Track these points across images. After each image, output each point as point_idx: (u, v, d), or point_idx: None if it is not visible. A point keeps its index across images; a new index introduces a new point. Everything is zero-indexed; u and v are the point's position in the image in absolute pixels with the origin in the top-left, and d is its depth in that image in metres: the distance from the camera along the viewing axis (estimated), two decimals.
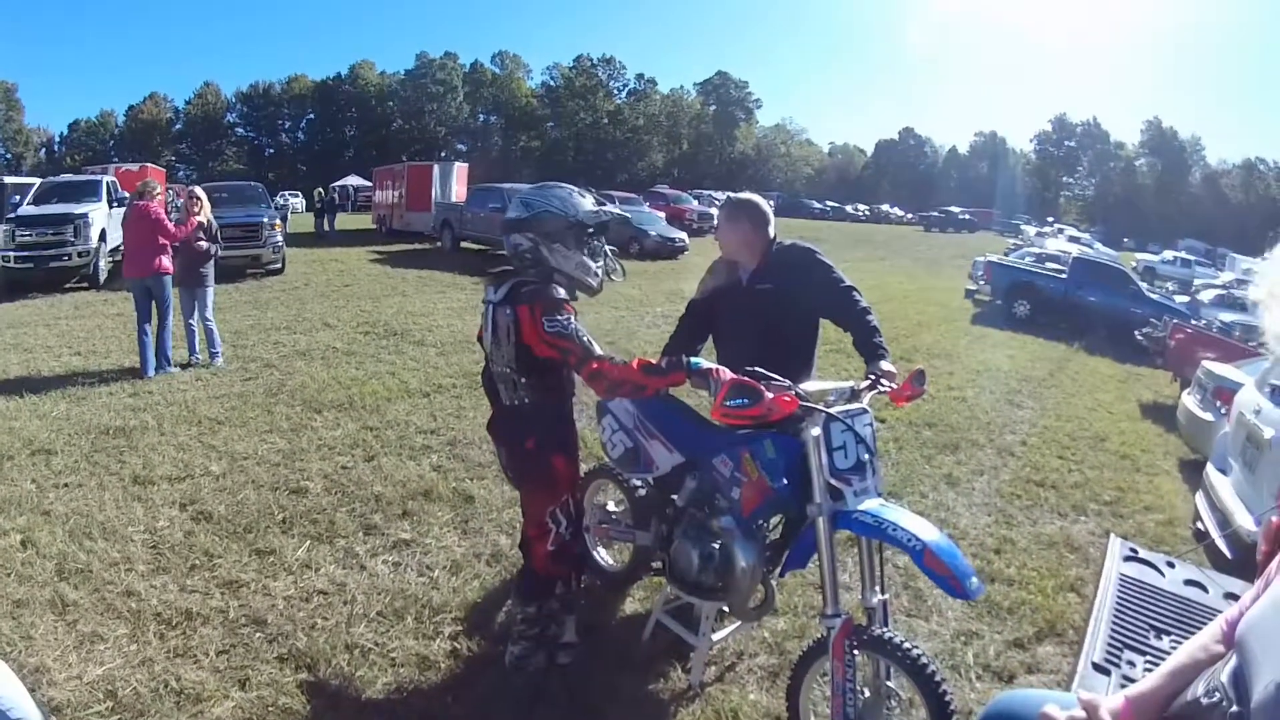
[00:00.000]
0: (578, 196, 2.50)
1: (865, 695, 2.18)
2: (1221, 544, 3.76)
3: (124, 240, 7.57)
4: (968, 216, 48.64)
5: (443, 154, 62.85)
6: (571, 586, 2.66)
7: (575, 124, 75.49)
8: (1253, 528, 3.58)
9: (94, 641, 2.80)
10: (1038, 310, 13.63)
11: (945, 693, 2.01)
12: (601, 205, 2.56)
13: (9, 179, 14.68)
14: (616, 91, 79.10)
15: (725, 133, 79.25)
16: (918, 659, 2.04)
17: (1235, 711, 1.02)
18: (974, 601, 3.08)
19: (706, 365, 2.22)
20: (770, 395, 2.11)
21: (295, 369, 6.95)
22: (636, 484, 3.05)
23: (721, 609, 2.70)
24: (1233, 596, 2.56)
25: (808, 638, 2.77)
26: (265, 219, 13.21)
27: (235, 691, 2.56)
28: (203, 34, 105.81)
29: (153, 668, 2.66)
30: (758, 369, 2.24)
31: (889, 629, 2.19)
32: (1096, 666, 2.17)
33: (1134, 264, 26.77)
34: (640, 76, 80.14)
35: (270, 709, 2.49)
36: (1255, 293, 1.29)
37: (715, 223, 3.31)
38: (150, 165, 23.16)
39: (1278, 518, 3.08)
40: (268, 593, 3.18)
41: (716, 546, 2.49)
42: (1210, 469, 4.56)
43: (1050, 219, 55.32)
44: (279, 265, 13.50)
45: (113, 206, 12.65)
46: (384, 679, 2.67)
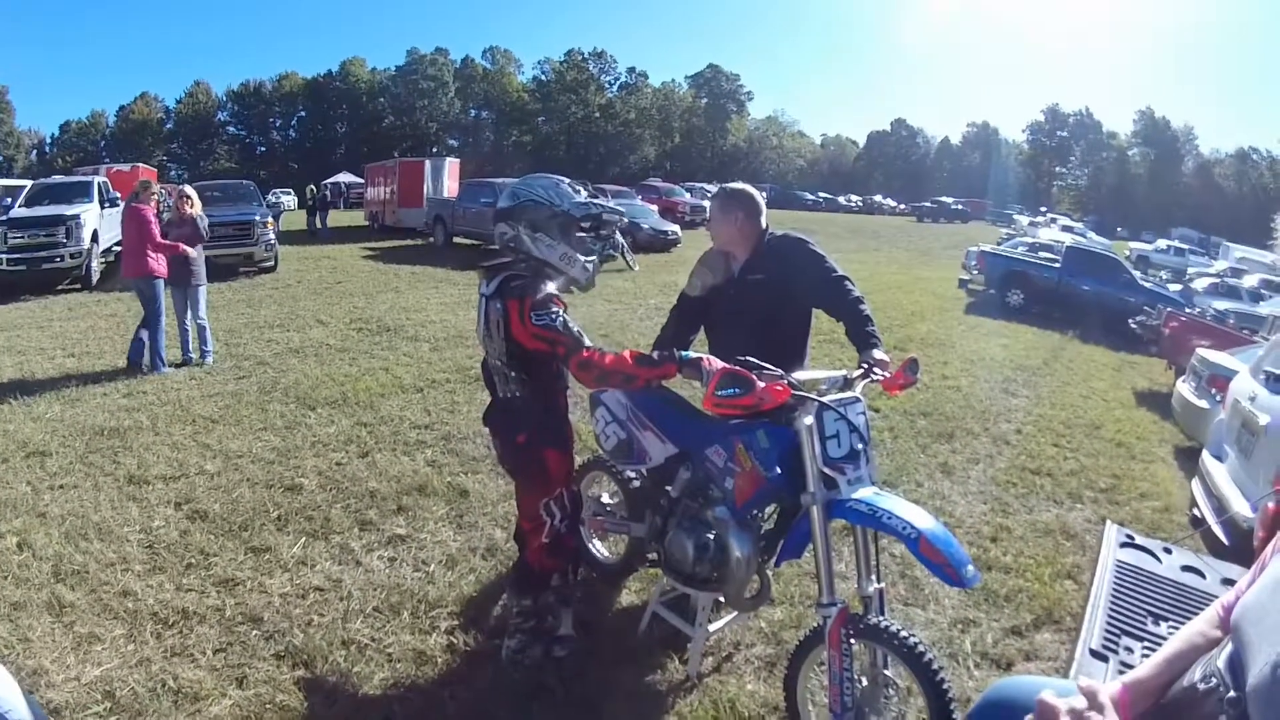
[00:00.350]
0: (566, 187, 2.49)
1: (863, 684, 2.18)
2: (1218, 530, 3.77)
3: (123, 240, 7.56)
4: (960, 207, 48.75)
5: (434, 150, 62.79)
6: (567, 579, 2.65)
7: (567, 118, 75.16)
8: (1249, 513, 3.59)
9: (91, 642, 2.79)
10: (1031, 299, 13.64)
11: (943, 680, 2.01)
12: (594, 199, 2.56)
13: (0, 181, 14.57)
14: (608, 85, 78.76)
15: (717, 125, 79.04)
16: (915, 647, 2.04)
17: (1231, 697, 1.02)
18: (971, 589, 3.07)
19: (697, 356, 2.21)
20: (762, 384, 2.10)
21: (289, 366, 6.93)
22: (630, 476, 3.05)
23: (718, 600, 2.69)
24: (1229, 582, 2.57)
25: (804, 627, 2.76)
26: (257, 217, 13.16)
27: (233, 689, 2.56)
28: (193, 33, 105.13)
29: (150, 667, 2.65)
30: (749, 359, 2.24)
31: (885, 617, 2.18)
32: (1094, 653, 2.18)
33: (1128, 253, 26.79)
34: (631, 70, 79.92)
35: (268, 706, 2.49)
36: None
37: (707, 214, 3.30)
38: (142, 165, 23.07)
39: (1274, 503, 3.10)
40: (264, 590, 3.17)
41: (711, 537, 2.49)
42: (1206, 456, 4.58)
43: (1043, 209, 55.33)
44: (271, 263, 13.45)
45: (105, 207, 12.59)
46: (381, 674, 2.67)
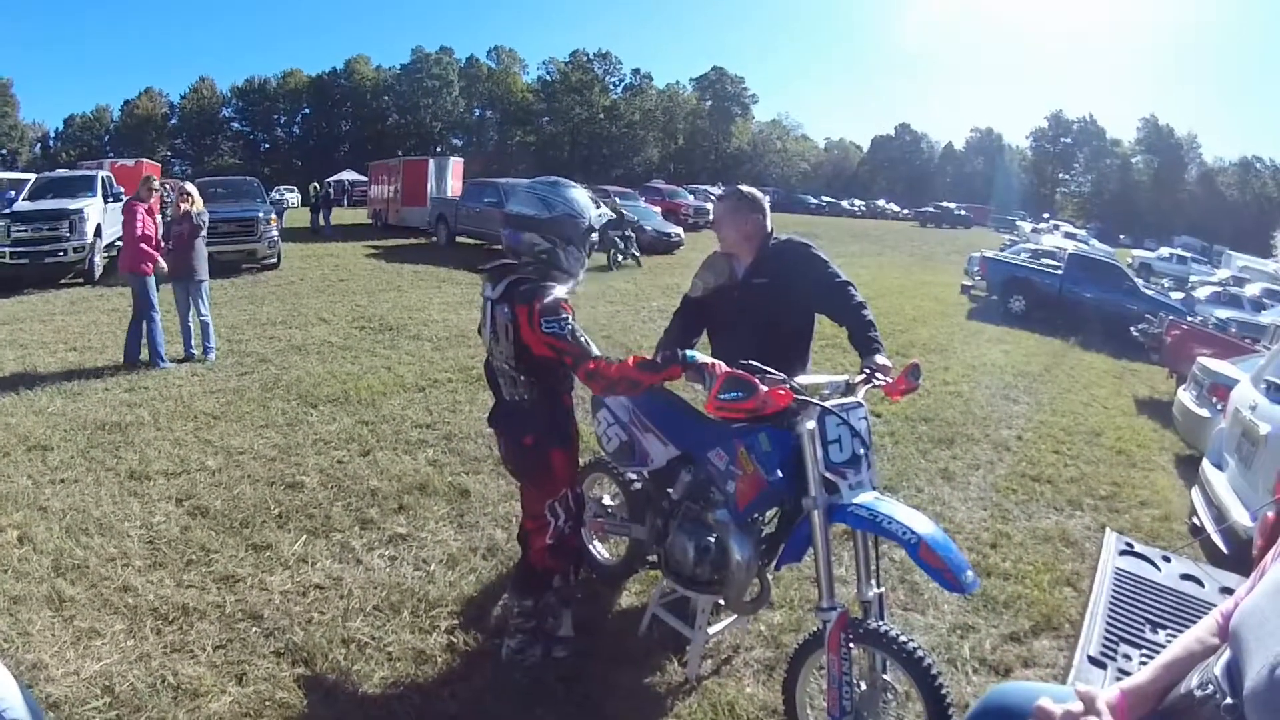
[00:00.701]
0: (587, 198, 2.50)
1: (861, 688, 2.18)
2: (1217, 539, 3.78)
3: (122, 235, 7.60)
4: (963, 212, 48.67)
5: (438, 149, 62.96)
6: (569, 580, 2.66)
7: (571, 119, 75.19)
8: (1248, 523, 3.59)
9: (91, 637, 2.79)
10: (1033, 306, 13.65)
11: (941, 686, 2.02)
12: (598, 206, 2.56)
13: (3, 175, 14.59)
14: (612, 87, 78.85)
15: (721, 128, 79.03)
16: (914, 652, 2.04)
17: (1229, 704, 1.02)
18: (970, 595, 3.08)
19: (702, 359, 2.21)
20: (765, 389, 2.11)
21: (291, 364, 6.94)
22: (632, 478, 3.05)
23: (717, 602, 2.70)
24: (1228, 591, 2.56)
25: (804, 631, 2.77)
26: (261, 214, 13.17)
27: (232, 686, 2.56)
28: (198, 30, 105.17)
29: (150, 663, 2.65)
30: (752, 362, 2.24)
31: (885, 622, 2.19)
32: (1092, 660, 2.18)
33: (1130, 260, 26.79)
34: (636, 71, 79.96)
35: (267, 703, 2.49)
36: None
37: (712, 216, 3.30)
38: (146, 160, 22.99)
39: (1273, 512, 3.11)
40: (264, 587, 3.18)
41: (712, 540, 2.49)
42: (1206, 464, 4.58)
43: (1046, 215, 55.33)
44: (274, 260, 13.46)
45: (108, 202, 12.60)
46: (380, 673, 2.68)
